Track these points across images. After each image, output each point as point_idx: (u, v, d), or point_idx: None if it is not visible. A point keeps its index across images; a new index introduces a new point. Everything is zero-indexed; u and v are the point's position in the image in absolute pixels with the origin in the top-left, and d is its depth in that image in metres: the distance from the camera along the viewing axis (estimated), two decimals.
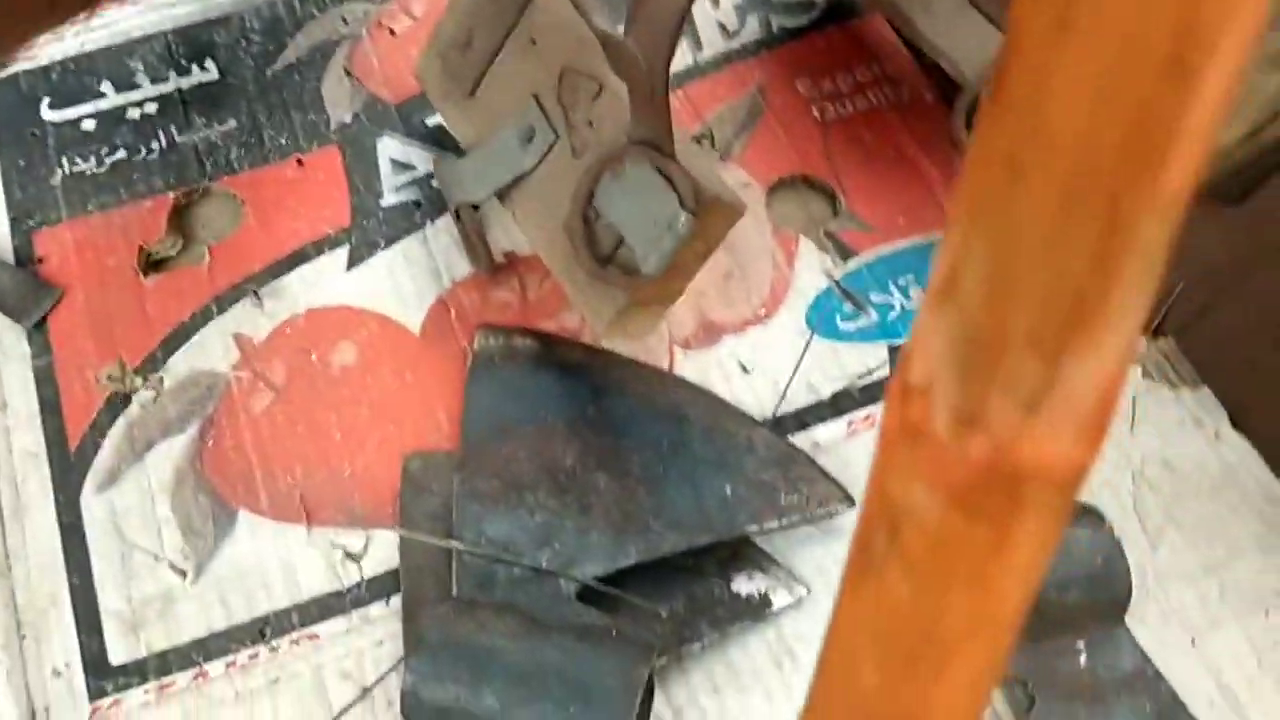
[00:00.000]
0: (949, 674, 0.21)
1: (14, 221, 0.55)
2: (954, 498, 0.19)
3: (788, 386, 0.50)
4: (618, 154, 0.46)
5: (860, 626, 0.22)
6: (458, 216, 0.52)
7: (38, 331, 0.52)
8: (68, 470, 0.49)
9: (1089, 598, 0.40)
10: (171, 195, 0.56)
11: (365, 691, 0.44)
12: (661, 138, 0.45)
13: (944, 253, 0.17)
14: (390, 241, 0.55)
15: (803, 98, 0.59)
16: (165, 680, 0.45)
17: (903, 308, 0.53)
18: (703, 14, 0.62)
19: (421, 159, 0.57)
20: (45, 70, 0.60)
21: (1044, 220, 0.16)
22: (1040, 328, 0.17)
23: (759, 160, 0.57)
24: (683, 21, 0.42)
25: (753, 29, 0.62)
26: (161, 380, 0.51)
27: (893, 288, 0.53)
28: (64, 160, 0.57)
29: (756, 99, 0.59)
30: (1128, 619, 0.42)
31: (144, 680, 0.45)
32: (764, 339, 0.52)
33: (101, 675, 0.45)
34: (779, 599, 0.45)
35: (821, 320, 0.52)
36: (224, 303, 0.53)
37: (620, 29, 0.42)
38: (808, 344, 0.51)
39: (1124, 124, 0.14)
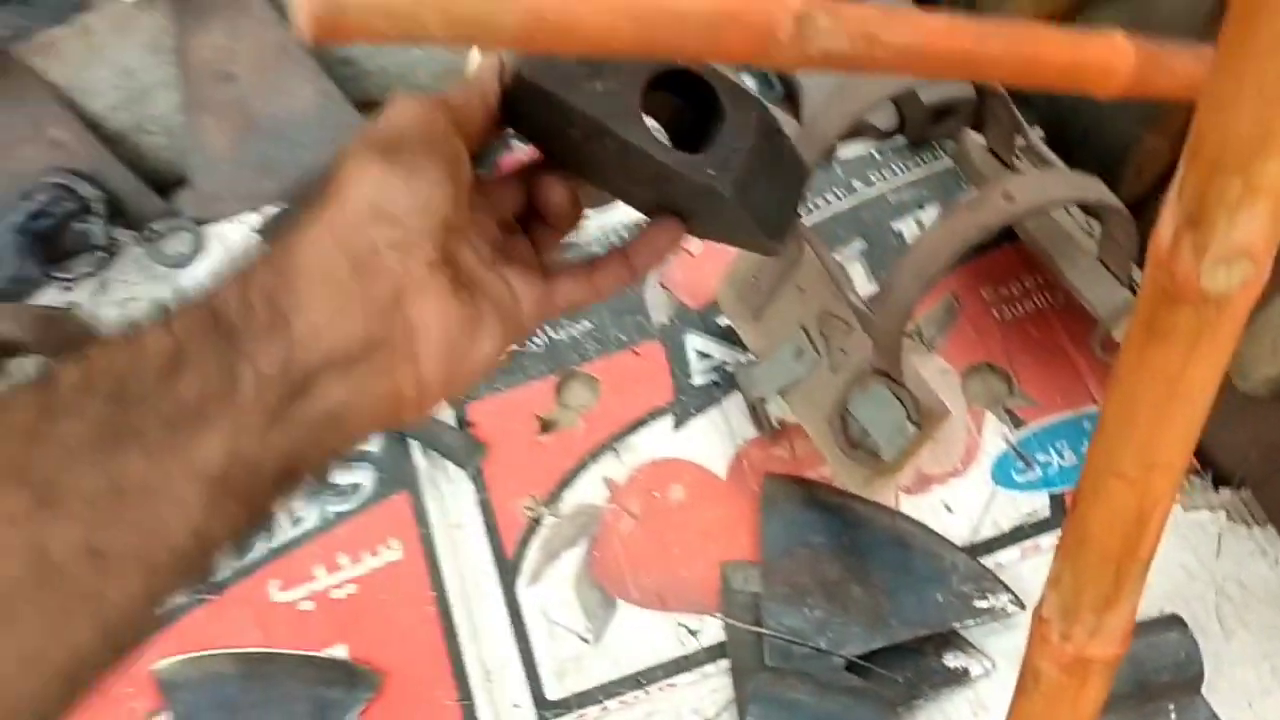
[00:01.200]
0: None
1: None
2: (1062, 669, 0.44)
3: (979, 523, 0.74)
4: (863, 377, 0.70)
5: None
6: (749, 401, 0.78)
7: (477, 475, 0.80)
8: (506, 572, 0.77)
9: (1175, 678, 0.64)
10: (553, 377, 0.84)
11: None
12: (895, 370, 0.69)
13: (1054, 567, 0.42)
14: (699, 411, 0.81)
15: (986, 301, 0.83)
16: (582, 711, 0.72)
17: (1060, 466, 0.76)
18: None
19: (718, 350, 0.83)
20: None
21: (1091, 567, 0.40)
22: (1096, 604, 0.41)
23: (955, 351, 0.81)
24: (914, 309, 0.67)
25: None
26: (560, 510, 0.78)
27: (1052, 450, 0.76)
28: None
29: (952, 303, 0.83)
30: (1204, 690, 0.65)
31: (569, 711, 0.72)
32: (961, 487, 0.76)
33: (544, 707, 0.72)
34: (975, 670, 0.69)
35: (1002, 474, 0.76)
36: (595, 455, 0.80)
37: (864, 298, 0.67)
38: (992, 492, 0.75)
39: (1118, 536, 0.39)
